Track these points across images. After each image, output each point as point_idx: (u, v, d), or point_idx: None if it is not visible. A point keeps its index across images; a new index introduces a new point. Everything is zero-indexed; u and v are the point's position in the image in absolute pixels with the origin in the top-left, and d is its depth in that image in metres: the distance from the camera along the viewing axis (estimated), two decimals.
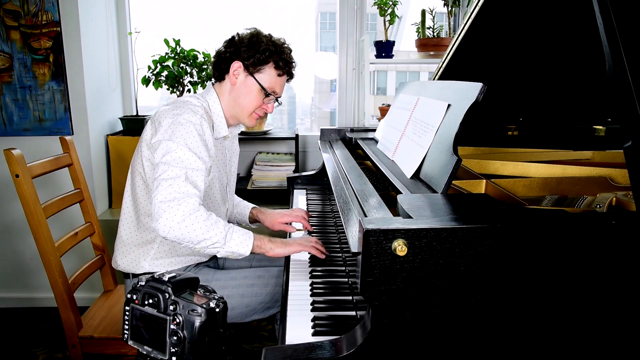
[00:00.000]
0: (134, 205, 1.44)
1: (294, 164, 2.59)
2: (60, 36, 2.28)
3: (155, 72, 2.43)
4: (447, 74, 1.60)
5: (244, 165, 2.79)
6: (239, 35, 1.45)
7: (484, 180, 1.19)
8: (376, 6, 2.52)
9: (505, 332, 0.76)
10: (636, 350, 0.78)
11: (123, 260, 1.45)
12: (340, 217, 1.08)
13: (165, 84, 2.45)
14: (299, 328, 0.97)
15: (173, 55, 2.43)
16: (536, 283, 0.75)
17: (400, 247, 0.71)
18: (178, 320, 0.70)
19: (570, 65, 1.51)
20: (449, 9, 2.54)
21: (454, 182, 1.15)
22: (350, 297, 1.10)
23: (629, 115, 0.75)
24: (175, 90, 2.47)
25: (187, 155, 1.26)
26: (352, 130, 2.01)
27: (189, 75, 2.47)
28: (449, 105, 1.07)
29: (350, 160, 1.53)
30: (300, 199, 1.94)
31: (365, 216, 0.92)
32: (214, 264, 1.62)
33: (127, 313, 0.74)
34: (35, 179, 1.47)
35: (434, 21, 2.56)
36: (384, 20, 2.51)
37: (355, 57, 2.71)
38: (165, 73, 2.43)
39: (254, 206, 1.74)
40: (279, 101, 1.52)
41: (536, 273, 0.74)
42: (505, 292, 0.75)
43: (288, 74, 1.48)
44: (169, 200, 1.19)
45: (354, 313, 1.03)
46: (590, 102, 1.64)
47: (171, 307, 0.71)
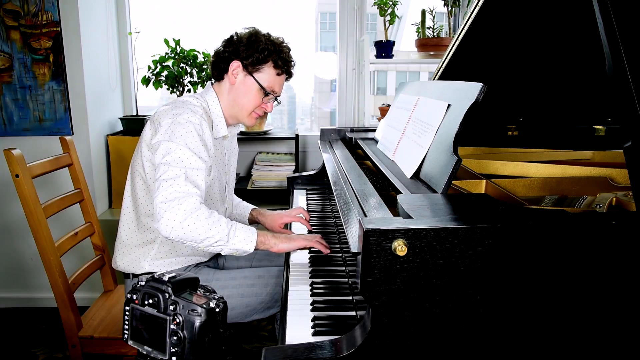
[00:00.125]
0: (134, 205, 1.44)
1: (294, 164, 2.59)
2: (60, 36, 2.28)
3: (155, 72, 2.43)
4: (447, 74, 1.60)
5: (244, 165, 2.78)
6: (238, 34, 1.45)
7: (484, 180, 1.19)
8: (376, 6, 2.52)
9: (505, 332, 0.76)
10: (636, 350, 0.78)
11: (123, 260, 1.45)
12: (340, 217, 1.08)
13: (165, 84, 2.45)
14: (299, 328, 0.97)
15: (173, 55, 2.43)
16: (536, 283, 0.75)
17: (400, 247, 0.71)
18: (178, 320, 0.70)
19: (570, 65, 1.51)
20: (449, 9, 2.54)
21: (454, 182, 1.15)
22: (350, 297, 1.10)
23: (629, 115, 0.75)
24: (175, 90, 2.47)
25: (187, 155, 1.26)
26: (352, 130, 2.01)
27: (189, 75, 2.47)
28: (449, 105, 1.07)
29: (350, 160, 1.53)
30: (300, 199, 1.94)
31: (365, 216, 0.92)
32: (214, 264, 1.62)
33: (127, 313, 0.74)
34: (35, 179, 1.47)
35: (434, 21, 2.56)
36: (384, 20, 2.51)
37: (355, 57, 2.71)
38: (165, 73, 2.43)
39: (253, 207, 1.74)
40: (278, 100, 1.52)
41: (536, 273, 0.74)
42: (505, 292, 0.75)
43: (287, 73, 1.48)
44: (170, 200, 1.19)
45: (354, 313, 1.03)
46: (590, 102, 1.64)
47: (171, 307, 0.71)
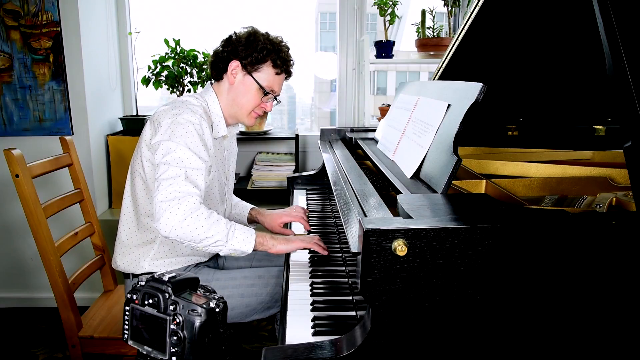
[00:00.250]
0: (133, 205, 1.44)
1: (294, 164, 2.59)
2: (60, 36, 2.28)
3: (155, 72, 2.43)
4: (447, 74, 1.60)
5: (244, 165, 2.78)
6: (236, 34, 1.45)
7: (484, 180, 1.19)
8: (376, 6, 2.52)
9: (505, 332, 0.76)
10: (636, 350, 0.78)
11: (123, 260, 1.45)
12: (340, 217, 1.08)
13: (165, 84, 2.45)
14: (299, 328, 0.97)
15: (173, 55, 2.43)
16: (536, 283, 0.75)
17: (400, 247, 0.71)
18: (178, 320, 0.70)
19: (570, 65, 1.51)
20: (449, 9, 2.54)
21: (454, 182, 1.15)
22: (350, 297, 1.10)
23: (629, 115, 0.75)
24: (175, 90, 2.47)
25: (186, 154, 1.26)
26: (352, 130, 2.01)
27: (189, 75, 2.47)
28: (449, 105, 1.07)
29: (350, 160, 1.53)
30: (300, 199, 1.94)
31: (365, 216, 0.92)
32: (214, 264, 1.62)
33: (127, 313, 0.74)
34: (35, 179, 1.47)
35: (434, 21, 2.56)
36: (384, 20, 2.51)
37: (355, 57, 2.71)
38: (165, 73, 2.43)
39: (252, 207, 1.74)
40: (278, 100, 1.52)
41: (536, 273, 0.74)
42: (505, 292, 0.75)
43: (286, 72, 1.48)
44: (170, 200, 1.19)
45: (354, 313, 1.03)
46: (590, 102, 1.64)
47: (171, 307, 0.71)
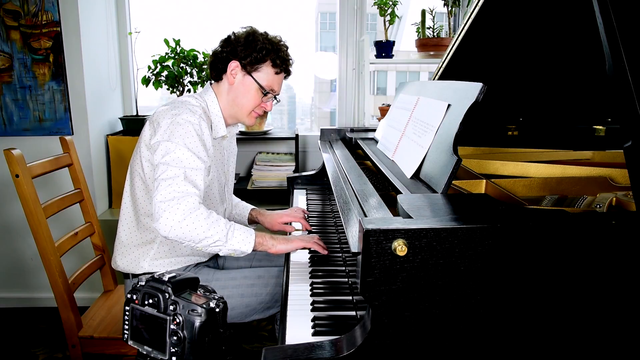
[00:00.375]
0: (133, 205, 1.44)
1: (294, 164, 2.59)
2: (60, 36, 2.28)
3: (155, 72, 2.43)
4: (447, 74, 1.60)
5: (244, 165, 2.78)
6: (235, 34, 1.45)
7: (484, 180, 1.19)
8: (376, 6, 2.52)
9: (505, 332, 0.76)
10: (636, 350, 0.78)
11: (122, 260, 1.45)
12: (340, 217, 1.08)
13: (165, 84, 2.45)
14: (299, 328, 0.97)
15: (173, 55, 2.43)
16: (536, 283, 0.75)
17: (400, 247, 0.71)
18: (178, 320, 0.70)
19: (570, 65, 1.51)
20: (449, 9, 2.54)
21: (454, 182, 1.15)
22: (350, 297, 1.10)
23: (629, 115, 0.75)
24: (175, 90, 2.47)
25: (186, 155, 1.26)
26: (352, 130, 2.01)
27: (189, 75, 2.47)
28: (449, 105, 1.07)
29: (350, 160, 1.53)
30: (300, 199, 1.94)
31: (365, 216, 0.92)
32: (214, 264, 1.62)
33: (127, 313, 0.74)
34: (35, 179, 1.47)
35: (434, 21, 2.56)
36: (384, 20, 2.51)
37: (355, 57, 2.71)
38: (165, 73, 2.43)
39: (253, 207, 1.74)
40: (278, 99, 1.52)
41: (536, 273, 0.74)
42: (505, 292, 0.75)
43: (285, 72, 1.48)
44: (169, 200, 1.19)
45: (354, 313, 1.03)
46: (590, 102, 1.64)
47: (171, 307, 0.71)
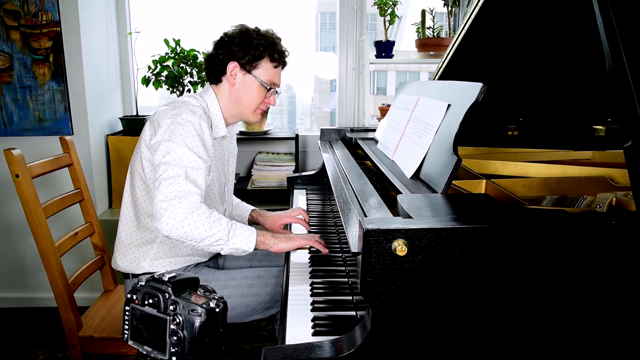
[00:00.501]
0: (133, 205, 1.44)
1: (294, 164, 2.59)
2: (60, 36, 2.28)
3: (155, 72, 2.43)
4: (447, 74, 1.60)
5: (244, 165, 2.78)
6: (228, 35, 1.44)
7: (484, 180, 1.19)
8: (376, 6, 2.52)
9: (505, 332, 0.76)
10: (636, 350, 0.78)
11: (123, 260, 1.45)
12: (340, 217, 1.08)
13: (165, 84, 2.45)
14: (299, 328, 0.97)
15: (173, 55, 2.43)
16: (536, 283, 0.75)
17: (400, 247, 0.71)
18: (178, 320, 0.70)
19: (570, 65, 1.51)
20: (449, 9, 2.54)
21: (454, 182, 1.15)
22: (350, 297, 1.10)
23: (629, 115, 0.75)
24: (175, 90, 2.47)
25: (186, 154, 1.26)
26: (352, 130, 2.01)
27: (189, 75, 2.47)
28: (449, 105, 1.07)
29: (350, 160, 1.53)
30: (300, 199, 1.94)
31: (365, 216, 0.92)
32: (214, 264, 1.62)
33: (127, 313, 0.74)
34: (35, 179, 1.47)
35: (434, 21, 2.56)
36: (384, 20, 2.51)
37: (355, 57, 2.71)
38: (165, 73, 2.43)
39: (253, 208, 1.74)
40: (278, 91, 1.52)
41: (536, 273, 0.74)
42: (505, 292, 0.75)
43: (283, 64, 1.49)
44: (170, 199, 1.19)
45: (354, 313, 1.03)
46: (590, 102, 1.64)
47: (171, 307, 0.71)
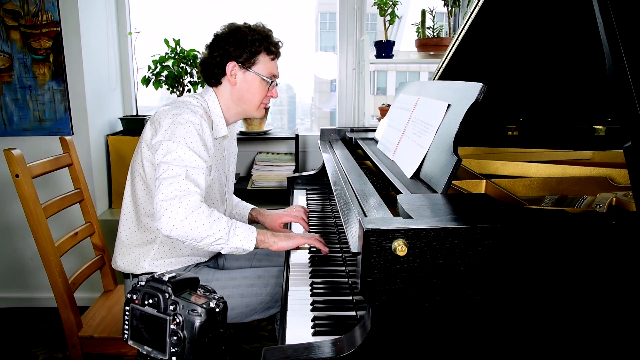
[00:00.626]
0: (133, 205, 1.44)
1: (294, 164, 2.59)
2: (60, 36, 2.28)
3: (155, 72, 2.43)
4: (447, 74, 1.60)
5: (244, 165, 2.78)
6: (219, 36, 1.44)
7: (484, 180, 1.19)
8: (376, 6, 2.52)
9: (505, 332, 0.76)
10: (636, 350, 0.78)
11: (123, 260, 1.45)
12: (340, 217, 1.08)
13: (165, 84, 2.45)
14: (299, 328, 0.97)
15: (173, 55, 2.43)
16: (536, 283, 0.75)
17: (400, 247, 0.71)
18: (178, 320, 0.70)
19: (570, 65, 1.51)
20: (449, 9, 2.54)
21: (454, 182, 1.15)
22: (350, 297, 1.10)
23: (629, 115, 0.75)
24: (175, 90, 2.47)
25: (187, 154, 1.26)
26: (352, 130, 2.01)
27: (189, 75, 2.47)
28: (449, 105, 1.07)
29: (350, 160, 1.53)
30: (300, 199, 1.94)
31: (365, 216, 0.92)
32: (214, 264, 1.62)
33: (127, 313, 0.74)
34: (35, 179, 1.47)
35: (434, 21, 2.56)
36: (384, 20, 2.51)
37: (355, 57, 2.71)
38: (165, 73, 2.43)
39: (253, 207, 1.74)
40: (277, 82, 1.53)
41: (536, 273, 0.74)
42: (505, 292, 0.75)
43: (279, 55, 1.50)
44: (170, 199, 1.19)
45: (354, 313, 1.03)
46: (590, 102, 1.64)
47: (171, 307, 0.71)
